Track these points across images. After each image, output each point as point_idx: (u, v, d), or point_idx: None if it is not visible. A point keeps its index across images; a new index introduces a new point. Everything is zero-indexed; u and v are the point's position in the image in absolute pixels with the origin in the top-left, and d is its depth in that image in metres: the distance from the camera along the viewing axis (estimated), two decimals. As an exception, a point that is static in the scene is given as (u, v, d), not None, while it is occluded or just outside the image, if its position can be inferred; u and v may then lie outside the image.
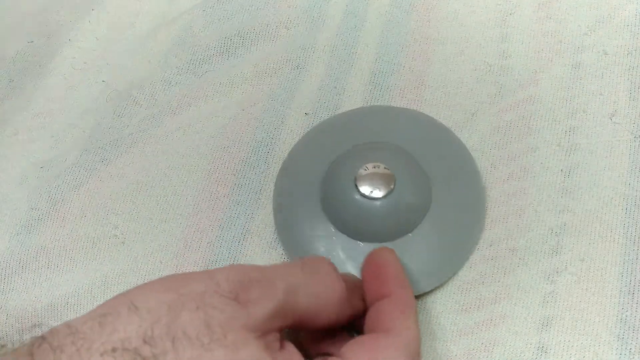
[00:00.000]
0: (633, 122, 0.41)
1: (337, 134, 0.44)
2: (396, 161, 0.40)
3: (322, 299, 0.33)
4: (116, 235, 0.43)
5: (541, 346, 0.36)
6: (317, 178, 0.42)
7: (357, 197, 0.39)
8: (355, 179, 0.39)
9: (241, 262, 0.42)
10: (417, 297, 0.39)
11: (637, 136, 0.41)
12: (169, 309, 0.29)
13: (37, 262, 0.43)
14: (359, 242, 0.40)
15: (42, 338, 0.28)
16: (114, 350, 0.27)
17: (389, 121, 0.44)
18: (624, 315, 0.36)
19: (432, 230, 0.40)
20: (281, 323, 0.31)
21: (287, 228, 0.42)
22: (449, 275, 0.39)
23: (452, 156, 0.42)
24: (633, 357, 0.35)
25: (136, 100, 0.49)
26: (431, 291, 0.39)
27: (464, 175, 0.41)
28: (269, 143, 0.45)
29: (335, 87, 0.47)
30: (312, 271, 0.33)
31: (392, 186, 0.39)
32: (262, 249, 0.42)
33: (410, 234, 0.40)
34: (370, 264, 0.37)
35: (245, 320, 0.30)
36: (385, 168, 0.39)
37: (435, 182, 0.41)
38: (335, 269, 0.34)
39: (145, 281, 0.32)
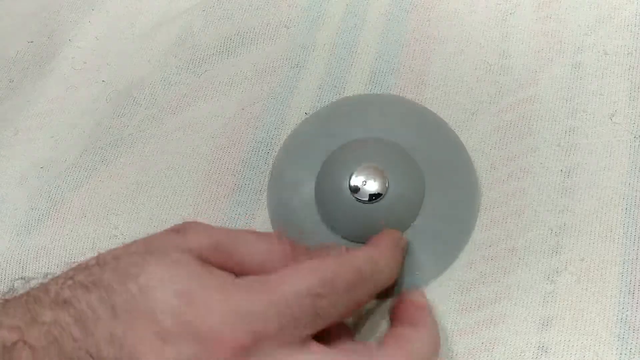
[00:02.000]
0: (633, 122, 0.41)
1: (328, 128, 0.44)
2: (389, 160, 0.41)
3: (262, 252, 0.35)
4: (116, 236, 0.43)
5: (541, 346, 0.36)
6: (310, 179, 0.42)
7: (351, 200, 0.40)
8: (349, 182, 0.40)
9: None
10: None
11: (637, 136, 0.41)
12: (116, 254, 0.33)
13: (37, 263, 0.44)
14: (353, 242, 0.40)
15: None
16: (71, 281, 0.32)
17: (381, 111, 0.44)
18: (624, 315, 0.36)
19: (424, 229, 0.40)
20: (220, 260, 0.33)
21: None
22: (441, 270, 0.40)
23: (444, 149, 0.42)
24: (633, 357, 0.35)
25: (136, 100, 0.49)
26: (431, 291, 0.39)
27: (457, 169, 0.42)
28: (269, 143, 0.45)
29: (335, 86, 0.47)
30: (256, 232, 0.36)
31: (386, 186, 0.39)
32: (263, 250, 0.42)
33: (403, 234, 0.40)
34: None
35: (182, 243, 0.33)
36: (378, 170, 0.40)
37: (428, 176, 0.41)
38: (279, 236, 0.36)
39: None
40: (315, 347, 0.33)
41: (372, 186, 0.40)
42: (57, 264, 0.43)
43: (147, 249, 0.33)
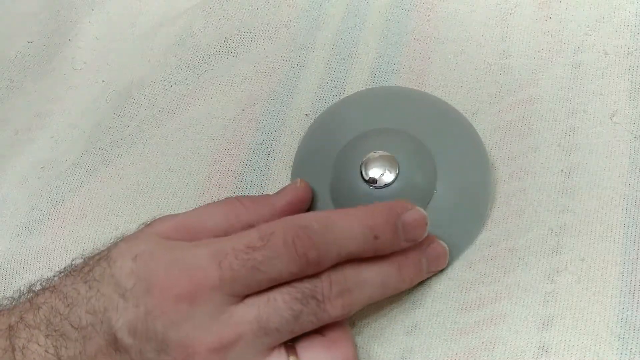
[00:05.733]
0: (633, 122, 0.41)
1: (343, 123, 0.44)
2: (400, 147, 0.41)
3: (222, 219, 0.39)
4: (117, 237, 0.43)
5: (542, 345, 0.36)
6: (327, 170, 0.42)
7: (363, 185, 0.40)
8: (361, 168, 0.40)
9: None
10: (419, 292, 0.39)
11: (637, 136, 0.41)
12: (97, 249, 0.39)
13: (37, 263, 0.44)
14: None
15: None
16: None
17: (393, 103, 0.44)
18: (624, 315, 0.36)
19: (436, 215, 0.40)
20: (184, 236, 0.37)
21: None
22: (456, 253, 0.40)
23: (457, 136, 0.42)
24: (634, 357, 0.35)
25: (136, 100, 0.49)
26: (431, 290, 0.39)
27: (469, 154, 0.42)
28: (270, 145, 0.45)
29: (336, 87, 0.47)
30: (216, 203, 0.40)
31: (397, 171, 0.40)
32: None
33: None
34: None
35: (148, 229, 0.38)
36: (389, 156, 0.40)
37: (440, 162, 0.41)
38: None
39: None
40: (253, 296, 0.35)
41: (383, 173, 0.40)
42: (58, 264, 0.43)
43: (121, 238, 0.38)
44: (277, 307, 0.34)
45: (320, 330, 0.36)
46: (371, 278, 0.36)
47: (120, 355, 0.34)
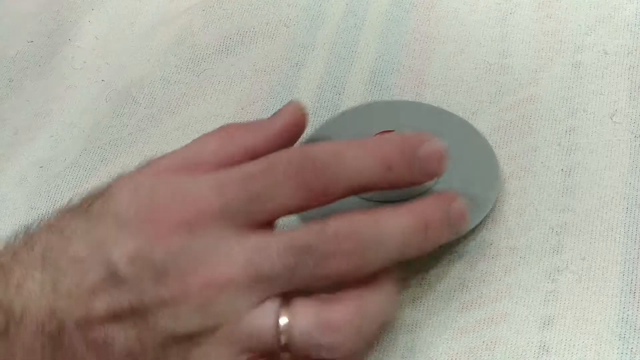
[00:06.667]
0: (633, 121, 0.41)
1: (343, 131, 0.44)
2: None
3: (213, 148, 0.38)
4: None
5: (543, 345, 0.36)
6: None
7: None
8: None
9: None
10: (419, 290, 0.39)
11: (637, 136, 0.41)
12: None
13: (37, 262, 0.43)
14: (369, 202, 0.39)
15: None
16: None
17: (392, 113, 0.44)
18: (625, 315, 0.36)
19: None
20: (186, 168, 0.36)
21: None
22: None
23: (460, 136, 0.42)
24: (634, 357, 0.35)
25: (135, 99, 0.49)
26: (431, 289, 0.39)
27: (473, 149, 0.42)
28: (270, 144, 0.45)
29: (335, 86, 0.47)
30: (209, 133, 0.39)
31: None
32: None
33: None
34: None
35: (146, 166, 0.37)
36: None
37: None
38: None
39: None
40: (254, 234, 0.34)
41: None
42: (57, 264, 0.43)
43: (121, 174, 0.37)
44: (270, 255, 0.33)
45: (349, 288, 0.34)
46: (390, 234, 0.34)
47: (119, 287, 0.33)
